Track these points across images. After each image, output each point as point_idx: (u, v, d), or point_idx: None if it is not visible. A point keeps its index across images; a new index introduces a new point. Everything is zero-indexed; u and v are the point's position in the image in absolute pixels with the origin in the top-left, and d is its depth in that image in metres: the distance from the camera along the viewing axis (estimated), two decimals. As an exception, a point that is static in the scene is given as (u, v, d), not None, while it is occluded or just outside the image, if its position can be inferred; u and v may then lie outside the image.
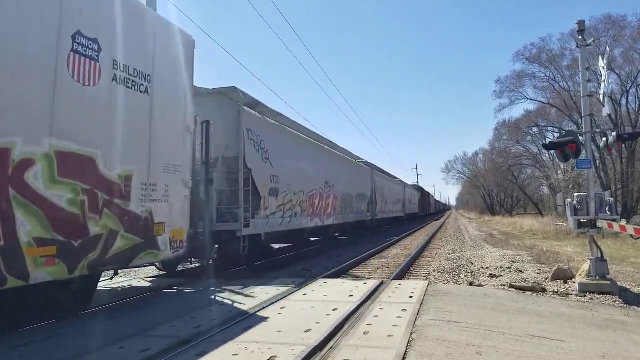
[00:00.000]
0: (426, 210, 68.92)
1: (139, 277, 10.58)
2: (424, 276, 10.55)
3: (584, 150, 8.58)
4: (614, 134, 8.49)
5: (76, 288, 6.01)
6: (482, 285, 8.81)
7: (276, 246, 16.17)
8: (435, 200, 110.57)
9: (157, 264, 9.03)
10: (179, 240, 7.53)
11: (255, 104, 11.99)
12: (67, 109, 5.44)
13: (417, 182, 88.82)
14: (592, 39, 9.72)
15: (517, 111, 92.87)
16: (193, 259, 9.58)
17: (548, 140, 21.23)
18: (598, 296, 7.64)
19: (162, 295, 7.88)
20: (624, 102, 35.25)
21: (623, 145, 27.96)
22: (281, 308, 6.16)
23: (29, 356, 4.49)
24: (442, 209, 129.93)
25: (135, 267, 9.63)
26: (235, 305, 6.54)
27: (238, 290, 7.67)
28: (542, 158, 51.41)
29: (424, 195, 68.26)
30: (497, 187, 71.64)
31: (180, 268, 10.93)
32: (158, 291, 8.35)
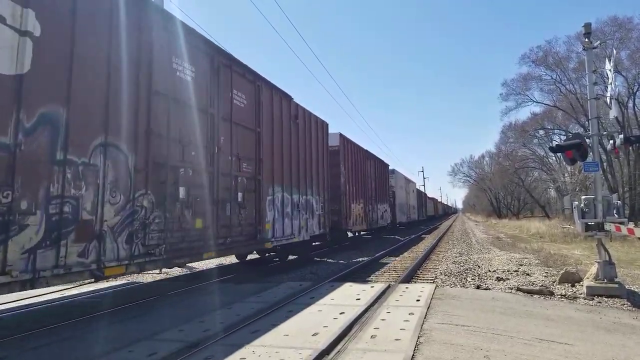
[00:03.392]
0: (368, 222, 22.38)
1: (146, 280, 10.64)
2: (431, 279, 10.52)
3: (591, 153, 8.55)
4: (621, 136, 8.45)
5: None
6: (490, 289, 8.78)
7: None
8: (426, 196, 61.46)
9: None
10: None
11: None
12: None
13: (424, 185, 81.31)
14: (598, 42, 9.70)
15: (523, 114, 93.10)
16: None
17: (555, 143, 21.18)
18: (606, 299, 7.60)
19: (169, 298, 7.92)
20: (630, 104, 35.01)
21: (630, 148, 27.79)
22: (288, 311, 6.18)
23: None
24: (442, 213, 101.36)
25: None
26: (243, 308, 6.56)
27: (246, 294, 7.70)
28: (548, 161, 51.19)
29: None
30: (503, 190, 71.29)
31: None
32: (165, 295, 8.39)
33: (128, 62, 6.34)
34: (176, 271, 12.02)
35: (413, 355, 4.24)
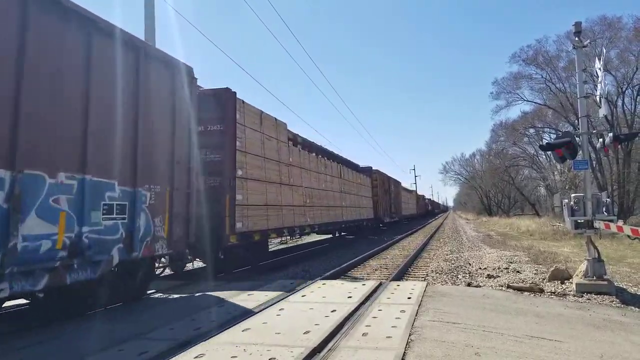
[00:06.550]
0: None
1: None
2: (422, 277, 10.56)
3: (580, 151, 8.62)
4: (611, 134, 8.52)
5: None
6: (480, 286, 8.83)
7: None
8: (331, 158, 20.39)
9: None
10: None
11: None
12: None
13: (415, 184, 76.98)
14: (588, 41, 9.78)
15: (513, 112, 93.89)
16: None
17: (545, 142, 21.27)
18: (595, 296, 7.67)
19: (161, 297, 7.87)
20: (619, 103, 35.35)
21: (619, 146, 28.03)
22: (280, 309, 6.16)
23: (29, 359, 4.49)
24: (420, 212, 65.42)
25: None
26: (235, 306, 6.54)
27: (237, 292, 7.67)
28: (538, 159, 51.57)
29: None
30: (494, 188, 71.67)
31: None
32: (156, 293, 8.33)
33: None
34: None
35: (404, 352, 4.24)
